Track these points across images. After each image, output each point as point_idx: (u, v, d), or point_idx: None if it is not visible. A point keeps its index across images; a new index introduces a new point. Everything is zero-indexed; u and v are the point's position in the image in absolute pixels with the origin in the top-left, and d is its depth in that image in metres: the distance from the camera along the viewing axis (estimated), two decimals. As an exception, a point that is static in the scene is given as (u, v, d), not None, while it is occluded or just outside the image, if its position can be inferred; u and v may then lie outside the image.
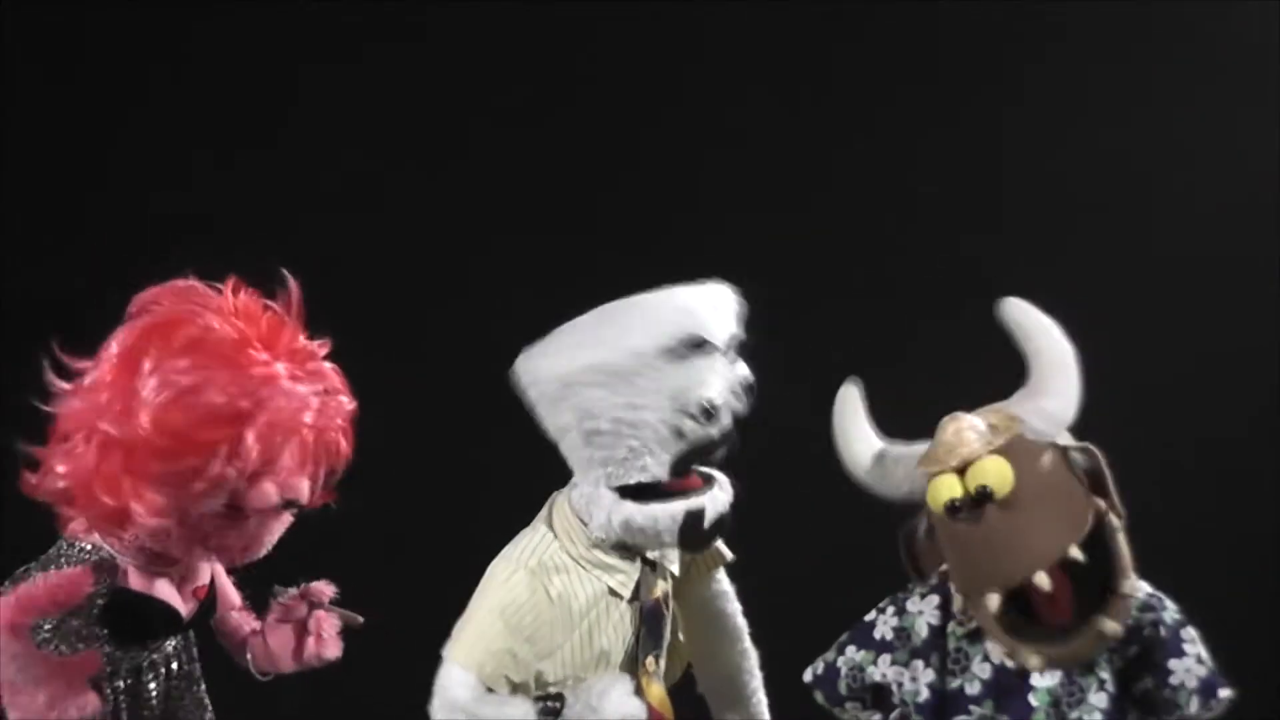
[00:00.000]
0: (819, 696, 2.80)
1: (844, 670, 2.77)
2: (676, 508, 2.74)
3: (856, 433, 2.72)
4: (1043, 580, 2.49)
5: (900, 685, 2.71)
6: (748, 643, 3.05)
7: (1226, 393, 4.32)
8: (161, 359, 2.62)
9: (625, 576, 2.81)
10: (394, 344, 4.18)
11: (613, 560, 2.80)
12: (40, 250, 4.26)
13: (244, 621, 3.01)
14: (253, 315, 2.73)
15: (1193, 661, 2.58)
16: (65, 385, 2.68)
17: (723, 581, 3.03)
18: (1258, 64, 4.35)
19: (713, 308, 2.75)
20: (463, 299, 4.30)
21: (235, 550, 2.77)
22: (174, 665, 2.87)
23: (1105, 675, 2.58)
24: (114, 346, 2.68)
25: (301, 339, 2.78)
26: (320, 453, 2.75)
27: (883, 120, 4.40)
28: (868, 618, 2.78)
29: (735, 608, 3.04)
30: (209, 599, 2.89)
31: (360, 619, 2.88)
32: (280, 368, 2.67)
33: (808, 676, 2.81)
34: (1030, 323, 2.56)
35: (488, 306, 4.18)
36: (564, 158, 4.37)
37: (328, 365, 2.80)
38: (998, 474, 2.51)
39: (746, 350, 2.78)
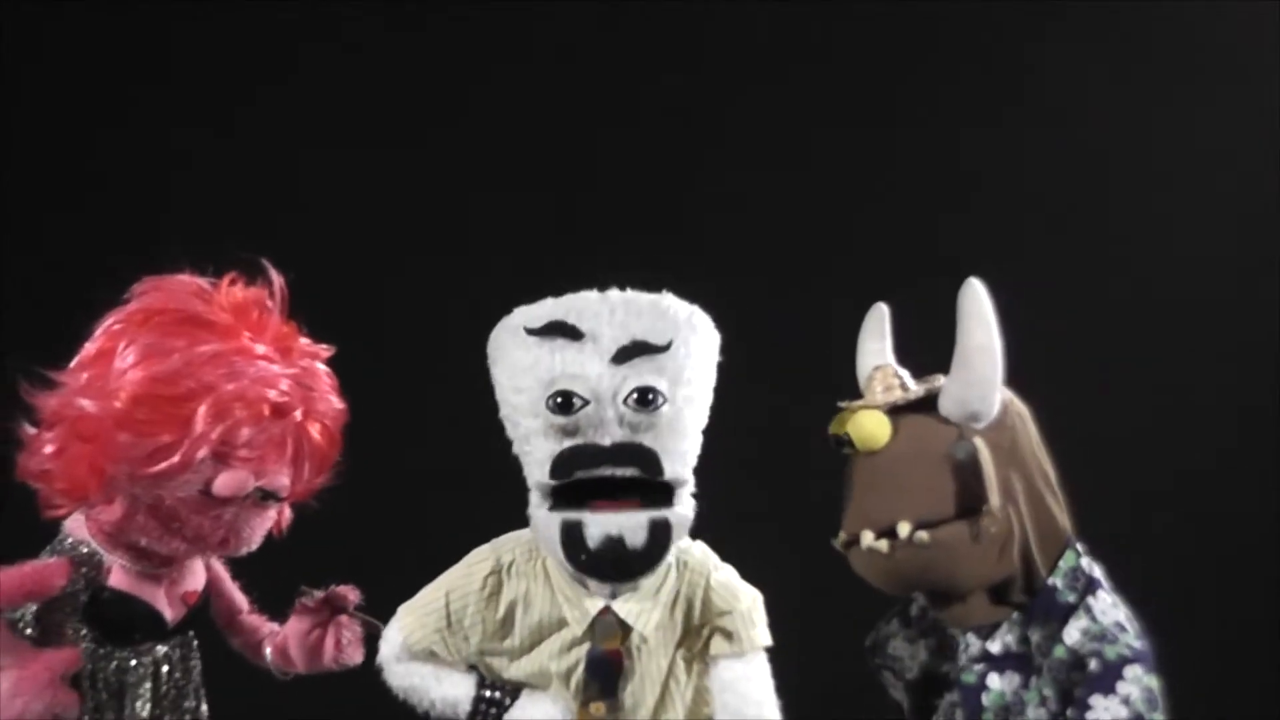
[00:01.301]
0: (869, 663, 2.81)
1: (880, 639, 2.79)
2: (558, 517, 2.65)
3: (869, 347, 2.71)
4: (866, 539, 2.52)
5: (902, 660, 2.74)
6: None
7: (1226, 393, 4.32)
8: (137, 339, 2.64)
9: (580, 613, 2.72)
10: (401, 343, 4.17)
11: (573, 591, 2.73)
12: (35, 242, 4.25)
13: (260, 623, 2.98)
14: (241, 304, 2.72)
15: (1117, 703, 2.46)
16: (54, 371, 2.68)
17: (743, 671, 2.77)
18: (1258, 64, 4.34)
19: (608, 305, 2.67)
20: (464, 297, 4.27)
21: (213, 541, 2.73)
22: (165, 669, 2.80)
23: (1049, 692, 2.53)
24: (98, 330, 2.70)
25: (297, 338, 2.77)
26: (299, 445, 2.71)
27: (881, 121, 4.39)
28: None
29: (759, 697, 2.76)
30: (202, 605, 2.86)
31: (382, 626, 2.84)
32: (259, 350, 2.67)
33: (867, 642, 2.82)
34: (966, 308, 2.55)
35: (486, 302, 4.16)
36: (550, 157, 4.35)
37: (320, 366, 2.79)
38: (862, 431, 2.55)
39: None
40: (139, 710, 2.76)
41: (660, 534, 2.64)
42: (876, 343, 2.71)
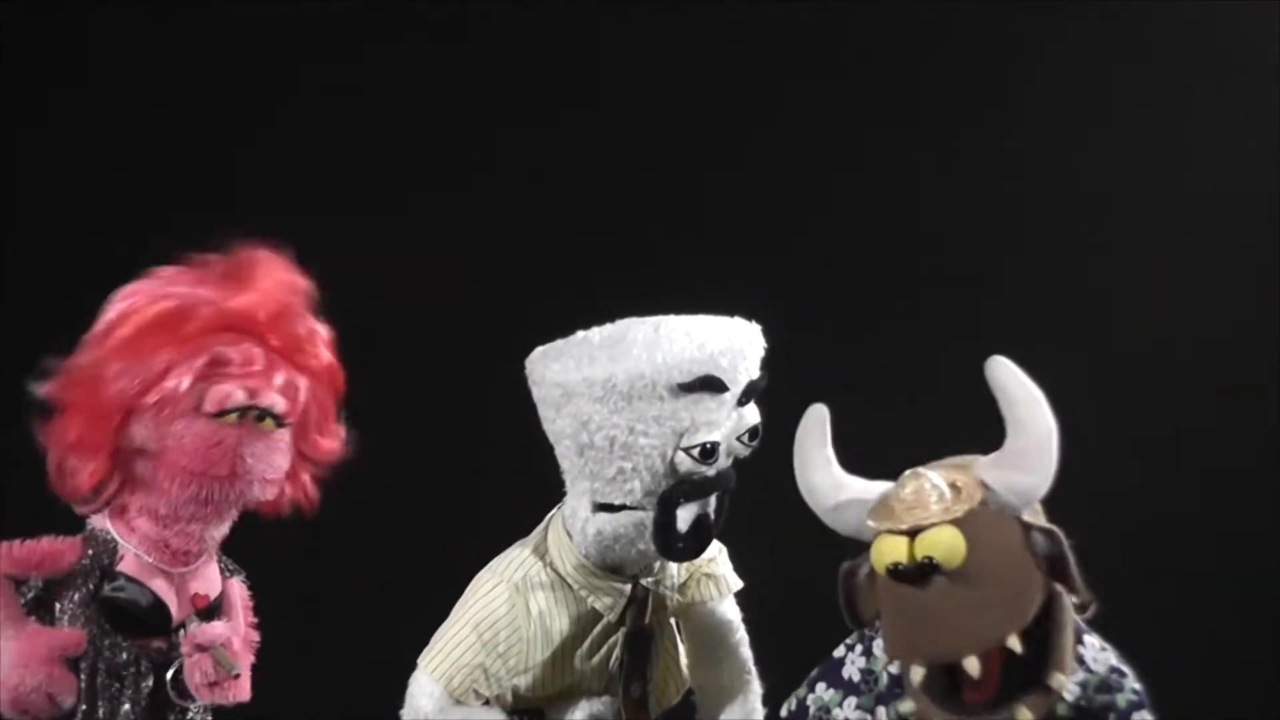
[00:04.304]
0: None
1: (812, 709, 2.70)
2: (641, 515, 2.69)
3: (816, 460, 2.59)
4: (972, 666, 2.37)
5: None
6: (751, 674, 2.98)
7: (1226, 393, 4.31)
8: (122, 294, 2.76)
9: (612, 599, 2.79)
10: (404, 348, 4.17)
11: (601, 581, 2.77)
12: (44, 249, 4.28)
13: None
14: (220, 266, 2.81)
15: None
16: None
17: (728, 611, 2.97)
18: (1258, 64, 4.34)
19: (735, 350, 2.68)
20: (468, 306, 4.29)
21: (220, 473, 2.73)
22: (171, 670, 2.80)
23: None
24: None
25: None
26: (291, 369, 2.77)
27: (880, 124, 4.39)
28: (837, 653, 2.72)
29: (740, 638, 2.97)
30: (210, 611, 2.85)
31: (237, 669, 2.79)
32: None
33: (783, 712, 2.75)
34: (1015, 390, 2.42)
35: (491, 313, 4.18)
36: (574, 165, 4.36)
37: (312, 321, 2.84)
38: (948, 546, 2.37)
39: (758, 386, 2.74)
40: (135, 703, 2.76)
41: (724, 505, 2.76)
42: (823, 449, 2.60)
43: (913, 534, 2.40)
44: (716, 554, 2.93)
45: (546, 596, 2.76)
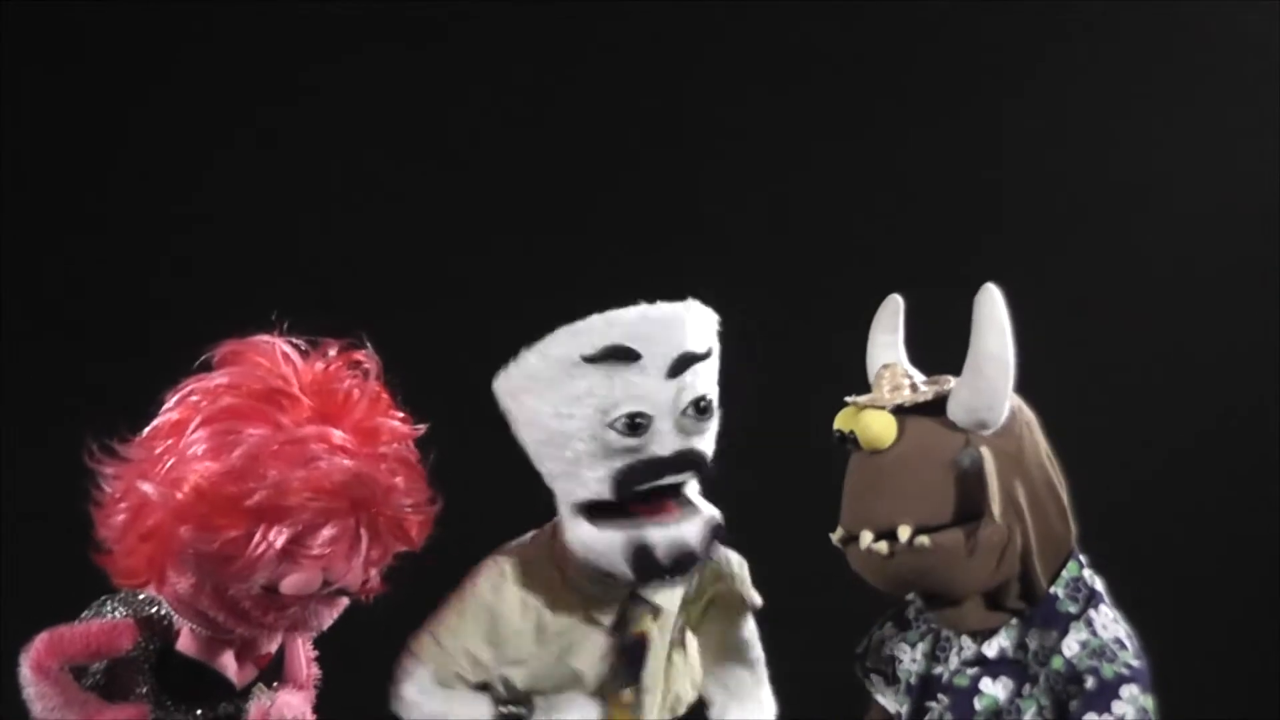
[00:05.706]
0: (858, 669, 2.80)
1: (873, 643, 2.78)
2: (619, 536, 2.68)
3: (878, 341, 2.69)
4: (866, 539, 2.51)
5: (900, 662, 2.72)
6: (765, 693, 2.96)
7: (1224, 393, 4.32)
8: (209, 422, 2.51)
9: (608, 604, 2.78)
10: (401, 347, 4.15)
11: (596, 588, 2.76)
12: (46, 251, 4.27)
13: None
14: (324, 382, 2.59)
15: None
16: (124, 442, 2.56)
17: (745, 628, 2.95)
18: (1258, 64, 4.35)
19: (653, 319, 2.68)
20: (461, 303, 4.28)
21: (278, 630, 2.63)
22: None
23: (1045, 701, 2.52)
24: (173, 400, 2.58)
25: (386, 415, 2.64)
26: (374, 540, 2.57)
27: (881, 121, 4.39)
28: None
29: (756, 655, 2.95)
30: (274, 665, 2.74)
31: None
32: (337, 438, 2.52)
33: (859, 647, 2.81)
34: (981, 315, 2.52)
35: (484, 311, 4.17)
36: (558, 160, 4.35)
37: (403, 449, 2.64)
38: (868, 431, 2.53)
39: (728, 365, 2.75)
40: None
41: (716, 533, 2.75)
42: (888, 335, 2.69)
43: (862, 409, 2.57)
44: (738, 569, 2.92)
45: (544, 592, 2.76)
